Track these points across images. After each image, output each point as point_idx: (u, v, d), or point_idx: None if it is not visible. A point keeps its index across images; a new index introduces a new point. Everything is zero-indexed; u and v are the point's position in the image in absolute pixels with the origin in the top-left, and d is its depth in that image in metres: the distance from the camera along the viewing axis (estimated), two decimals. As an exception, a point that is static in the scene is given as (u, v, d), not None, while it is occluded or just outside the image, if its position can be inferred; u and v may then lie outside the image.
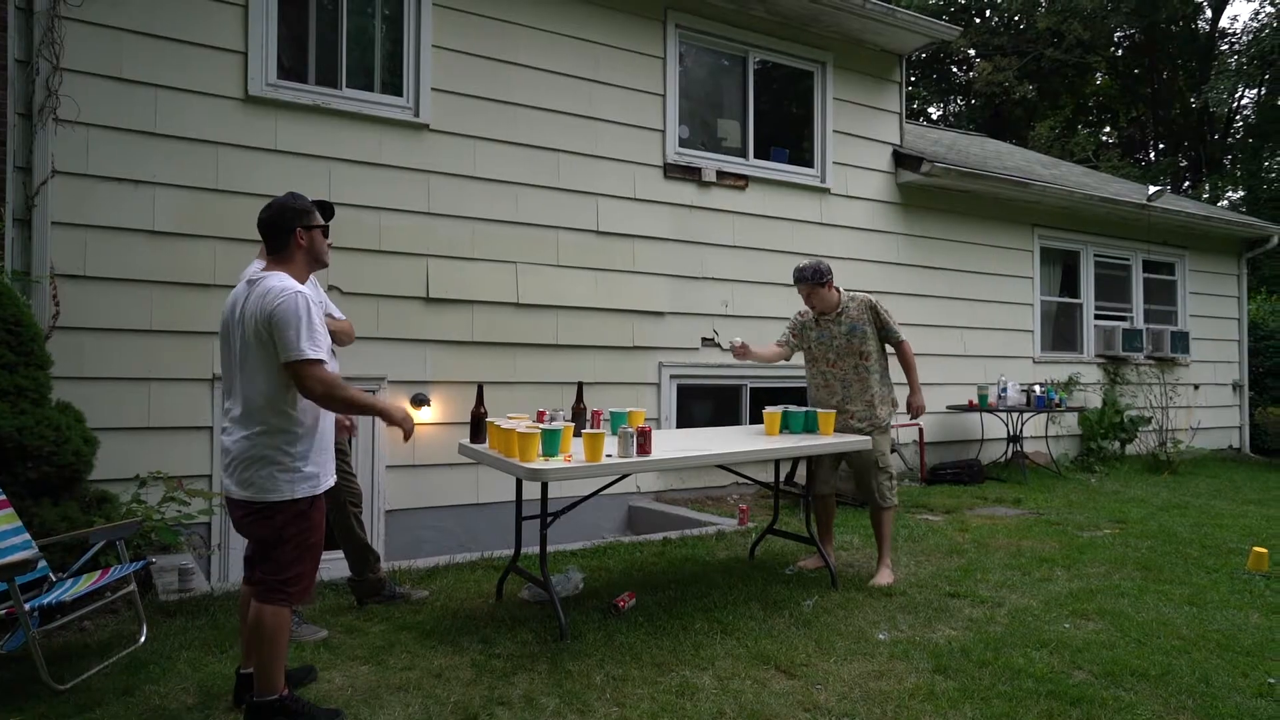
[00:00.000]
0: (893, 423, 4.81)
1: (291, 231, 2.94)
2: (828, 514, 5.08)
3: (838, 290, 4.86)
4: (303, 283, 2.93)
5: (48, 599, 3.30)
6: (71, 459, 4.09)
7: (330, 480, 2.98)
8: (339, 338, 3.93)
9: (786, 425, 4.72)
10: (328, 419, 2.98)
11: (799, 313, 5.02)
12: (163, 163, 5.12)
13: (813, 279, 4.75)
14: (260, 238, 3.03)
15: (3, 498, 3.62)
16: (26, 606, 3.08)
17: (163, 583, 4.25)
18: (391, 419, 3.07)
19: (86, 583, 3.43)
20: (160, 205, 5.10)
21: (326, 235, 3.09)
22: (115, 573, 3.52)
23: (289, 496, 2.80)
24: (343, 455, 3.97)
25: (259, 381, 2.81)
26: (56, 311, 4.77)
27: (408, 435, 3.10)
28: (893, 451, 7.57)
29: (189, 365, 5.12)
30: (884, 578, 4.68)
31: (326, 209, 3.15)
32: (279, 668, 2.83)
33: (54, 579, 3.57)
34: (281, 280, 2.84)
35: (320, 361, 2.78)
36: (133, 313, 5.02)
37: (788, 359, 5.12)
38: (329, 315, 3.94)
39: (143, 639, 3.51)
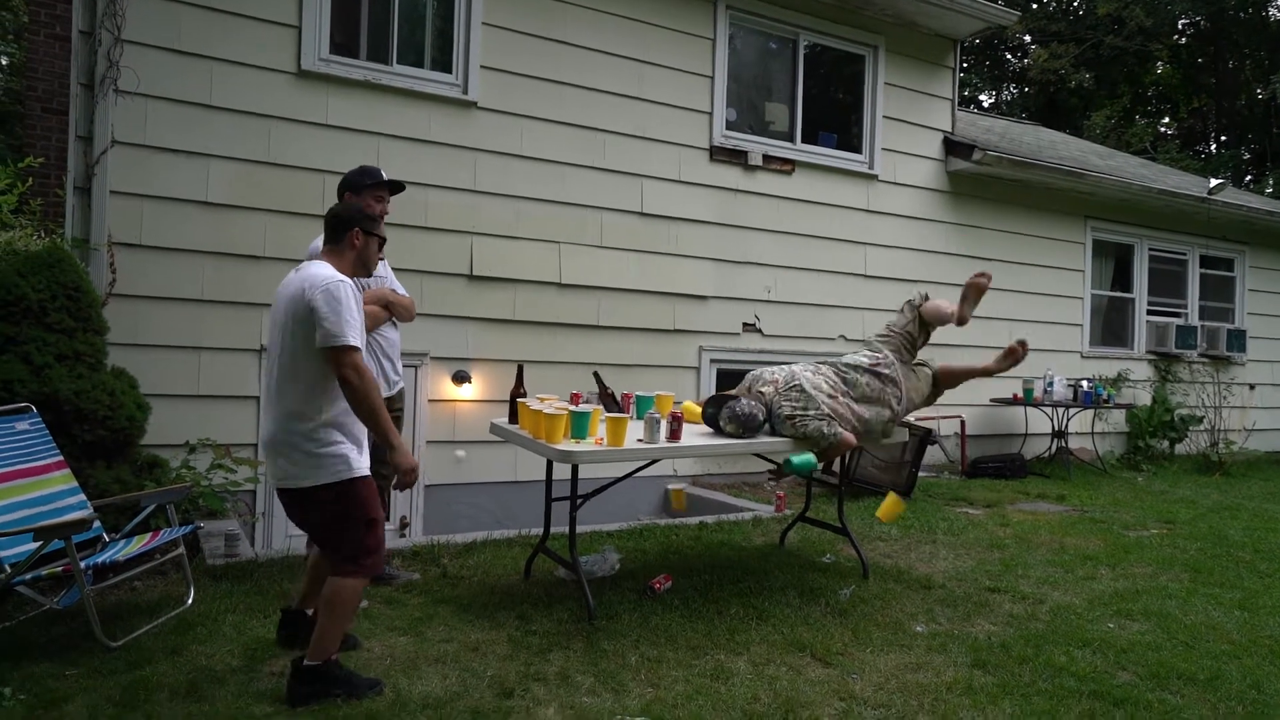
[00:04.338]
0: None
1: (350, 228, 3.01)
2: None
3: None
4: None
5: (102, 558, 3.40)
6: (125, 423, 4.20)
7: (367, 457, 2.99)
8: (400, 312, 4.08)
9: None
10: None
11: None
12: (217, 135, 5.19)
13: None
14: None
15: (60, 458, 3.73)
16: (82, 564, 3.17)
17: (210, 547, 4.35)
18: (398, 461, 2.90)
19: (138, 544, 3.53)
20: (214, 177, 5.19)
21: (381, 249, 3.15)
22: (165, 535, 3.61)
23: (320, 482, 2.85)
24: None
25: (290, 365, 2.87)
26: (113, 279, 4.89)
27: (404, 486, 2.95)
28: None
29: (237, 335, 5.21)
30: None
31: (397, 186, 3.20)
32: (337, 637, 2.89)
33: (107, 539, 3.67)
34: (325, 269, 2.91)
35: (359, 349, 2.82)
36: (185, 282, 5.12)
37: None
38: (392, 290, 4.08)
39: (190, 601, 3.60)
